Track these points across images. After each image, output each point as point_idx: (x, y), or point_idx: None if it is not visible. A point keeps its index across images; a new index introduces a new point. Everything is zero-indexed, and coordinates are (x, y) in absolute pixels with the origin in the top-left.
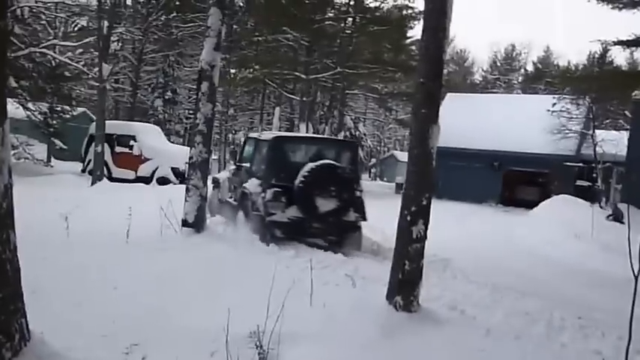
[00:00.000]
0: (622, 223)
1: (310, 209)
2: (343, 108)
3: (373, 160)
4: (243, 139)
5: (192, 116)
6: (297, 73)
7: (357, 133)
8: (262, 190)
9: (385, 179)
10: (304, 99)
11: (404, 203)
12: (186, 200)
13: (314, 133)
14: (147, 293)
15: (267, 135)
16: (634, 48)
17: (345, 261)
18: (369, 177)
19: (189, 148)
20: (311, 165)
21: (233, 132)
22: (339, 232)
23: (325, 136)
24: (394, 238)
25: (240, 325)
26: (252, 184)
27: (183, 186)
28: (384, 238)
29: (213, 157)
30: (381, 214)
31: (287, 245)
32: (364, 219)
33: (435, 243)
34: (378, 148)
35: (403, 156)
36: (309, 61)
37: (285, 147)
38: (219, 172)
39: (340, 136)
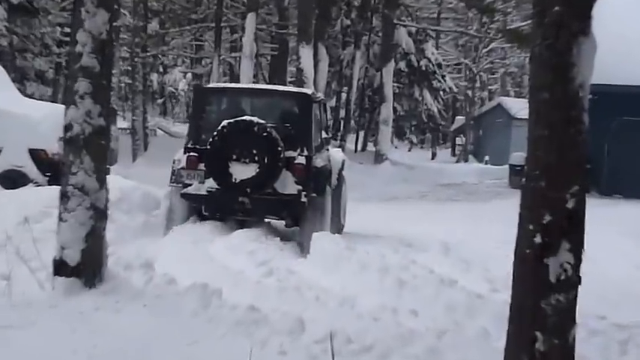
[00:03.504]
0: None
1: (223, 178)
2: (392, 10)
3: (458, 121)
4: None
5: (67, 39)
6: None
7: (423, 62)
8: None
9: (487, 159)
10: None
11: (526, 208)
12: (61, 220)
13: (331, 67)
14: None
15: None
16: None
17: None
18: (454, 155)
19: (64, 107)
20: (224, 122)
21: (160, 70)
22: (268, 208)
23: (269, 86)
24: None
25: None
26: (179, 152)
27: (57, 189)
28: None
29: (122, 125)
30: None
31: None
32: (318, 193)
33: (600, 291)
34: (469, 92)
35: (522, 107)
36: None
37: (208, 101)
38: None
39: (388, 71)
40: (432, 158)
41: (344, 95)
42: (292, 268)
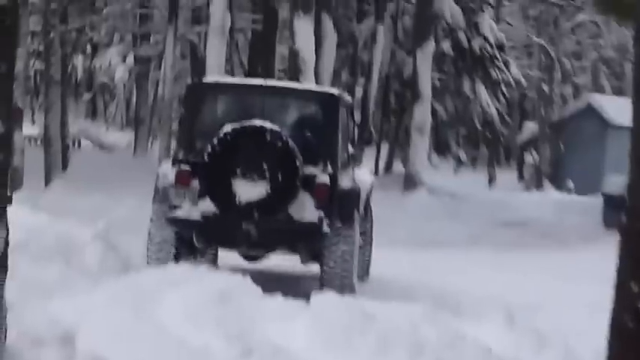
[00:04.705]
0: None
1: (224, 198)
2: None
3: (528, 130)
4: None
5: None
6: None
7: (476, 42)
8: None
9: (571, 186)
10: None
11: (629, 259)
12: None
13: (341, 49)
14: None
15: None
16: None
17: None
18: (521, 179)
19: None
20: (227, 128)
21: (88, 51)
22: (280, 238)
23: (284, 83)
24: None
25: None
26: (165, 164)
27: None
28: None
29: (30, 131)
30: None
31: None
32: (345, 222)
33: None
34: (545, 87)
35: (622, 109)
36: None
37: (205, 100)
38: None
39: (425, 55)
40: (490, 184)
41: (359, 90)
42: (281, 345)
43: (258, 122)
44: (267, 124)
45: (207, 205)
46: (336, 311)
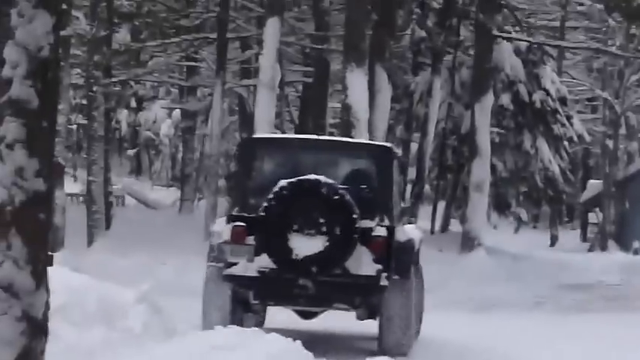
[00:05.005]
0: None
1: (281, 254)
2: (490, 15)
3: (592, 188)
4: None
5: None
6: None
7: (537, 95)
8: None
9: (638, 246)
10: None
11: None
12: None
13: (395, 103)
14: None
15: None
16: None
17: None
18: (585, 240)
19: None
20: (283, 183)
21: (133, 105)
22: (337, 293)
23: (336, 138)
24: None
25: None
26: (219, 221)
27: None
28: None
29: (72, 189)
30: None
31: None
32: (402, 275)
33: None
34: (609, 143)
35: None
36: None
37: (259, 156)
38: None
39: (484, 109)
40: (552, 245)
41: (414, 146)
42: None
43: (313, 176)
44: (322, 179)
45: (264, 261)
46: None
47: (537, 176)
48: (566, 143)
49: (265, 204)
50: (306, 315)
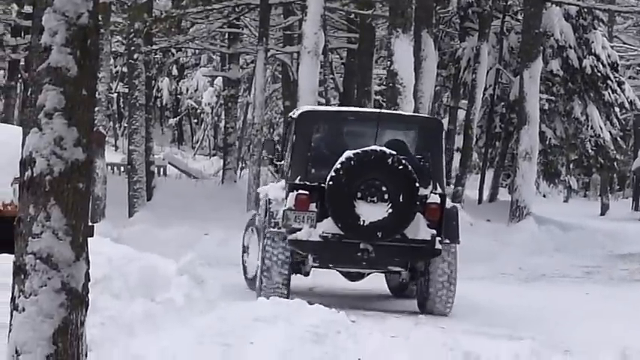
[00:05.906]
0: None
1: (348, 220)
2: None
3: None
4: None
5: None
6: None
7: (588, 61)
8: (285, 196)
9: None
10: None
11: None
12: (16, 309)
13: (442, 70)
14: None
15: (297, 111)
16: None
17: None
18: (637, 209)
19: (21, 131)
20: (349, 153)
21: (174, 73)
22: (395, 256)
23: (390, 111)
24: None
25: None
26: (273, 189)
27: (9, 259)
28: None
29: (113, 158)
30: None
31: None
32: (452, 239)
33: None
34: None
35: None
36: None
37: (318, 127)
38: None
39: (533, 76)
40: (602, 214)
41: (462, 113)
42: None
43: (377, 148)
44: (387, 150)
45: (327, 227)
46: (436, 349)
47: (588, 144)
48: (617, 110)
49: (332, 173)
50: (353, 277)
